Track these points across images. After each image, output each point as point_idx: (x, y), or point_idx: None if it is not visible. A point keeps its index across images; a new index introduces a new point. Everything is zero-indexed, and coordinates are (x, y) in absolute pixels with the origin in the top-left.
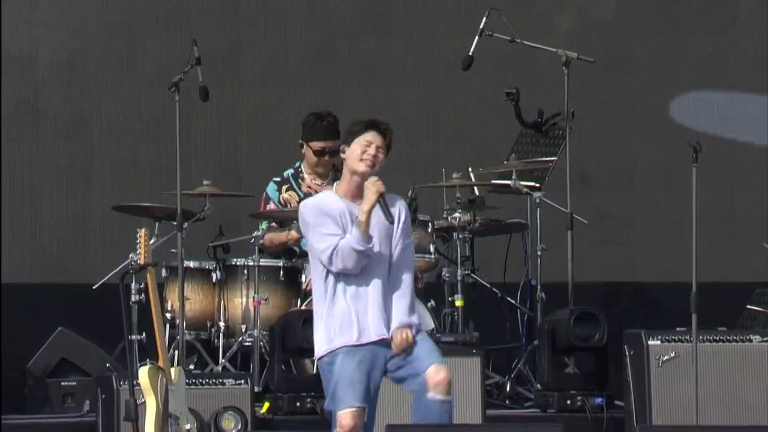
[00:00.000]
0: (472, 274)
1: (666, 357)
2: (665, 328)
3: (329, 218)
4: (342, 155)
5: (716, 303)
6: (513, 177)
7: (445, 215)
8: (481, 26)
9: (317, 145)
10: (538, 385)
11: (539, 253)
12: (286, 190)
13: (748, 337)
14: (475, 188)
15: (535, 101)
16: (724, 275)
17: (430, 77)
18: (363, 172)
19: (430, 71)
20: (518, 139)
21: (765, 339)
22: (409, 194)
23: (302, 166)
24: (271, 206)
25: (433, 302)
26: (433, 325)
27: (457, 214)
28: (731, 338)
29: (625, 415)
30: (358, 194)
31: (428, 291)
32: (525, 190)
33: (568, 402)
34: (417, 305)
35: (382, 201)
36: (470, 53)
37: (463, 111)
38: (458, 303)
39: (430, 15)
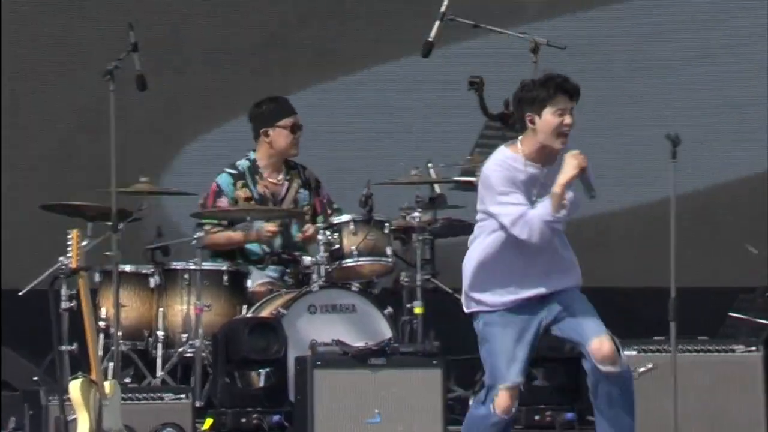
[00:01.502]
0: (433, 279)
1: (642, 368)
2: (641, 338)
3: (516, 188)
4: (531, 125)
5: (696, 310)
6: (477, 173)
7: (403, 215)
8: (443, 10)
9: (289, 121)
10: None
11: None
12: (241, 186)
13: (730, 348)
14: (436, 185)
15: (502, 91)
16: (705, 280)
17: (386, 65)
18: (560, 150)
19: (387, 58)
20: (483, 132)
21: (749, 349)
22: (364, 192)
23: (258, 159)
24: (224, 201)
25: (390, 309)
26: (389, 335)
27: (416, 214)
28: (712, 348)
29: None
30: (547, 160)
31: (385, 297)
32: None
33: (537, 417)
34: (374, 313)
35: (585, 175)
36: (430, 39)
37: (423, 101)
38: (417, 310)
39: None
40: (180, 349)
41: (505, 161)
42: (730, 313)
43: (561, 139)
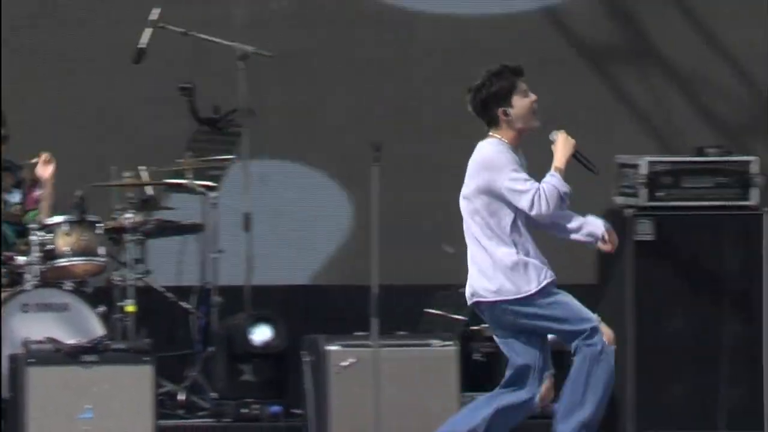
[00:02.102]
0: (144, 278)
1: (345, 363)
2: (344, 333)
3: (520, 167)
4: (505, 117)
5: (400, 307)
6: (188, 176)
7: (115, 216)
8: (154, 17)
9: None
10: (214, 394)
11: (215, 255)
12: None
13: (427, 342)
14: (149, 188)
15: (214, 97)
16: (407, 278)
17: (99, 69)
18: (537, 127)
19: (100, 63)
20: (194, 136)
21: (444, 343)
22: (77, 194)
23: None
24: None
25: (103, 307)
26: (102, 332)
27: (128, 215)
28: (411, 343)
29: (303, 424)
30: (518, 147)
31: (98, 296)
32: (200, 189)
33: (244, 411)
34: (86, 311)
35: (579, 153)
36: (141, 45)
37: (135, 106)
38: (129, 308)
39: (106, 3)
40: None
41: (502, 146)
42: (426, 310)
43: (535, 116)
